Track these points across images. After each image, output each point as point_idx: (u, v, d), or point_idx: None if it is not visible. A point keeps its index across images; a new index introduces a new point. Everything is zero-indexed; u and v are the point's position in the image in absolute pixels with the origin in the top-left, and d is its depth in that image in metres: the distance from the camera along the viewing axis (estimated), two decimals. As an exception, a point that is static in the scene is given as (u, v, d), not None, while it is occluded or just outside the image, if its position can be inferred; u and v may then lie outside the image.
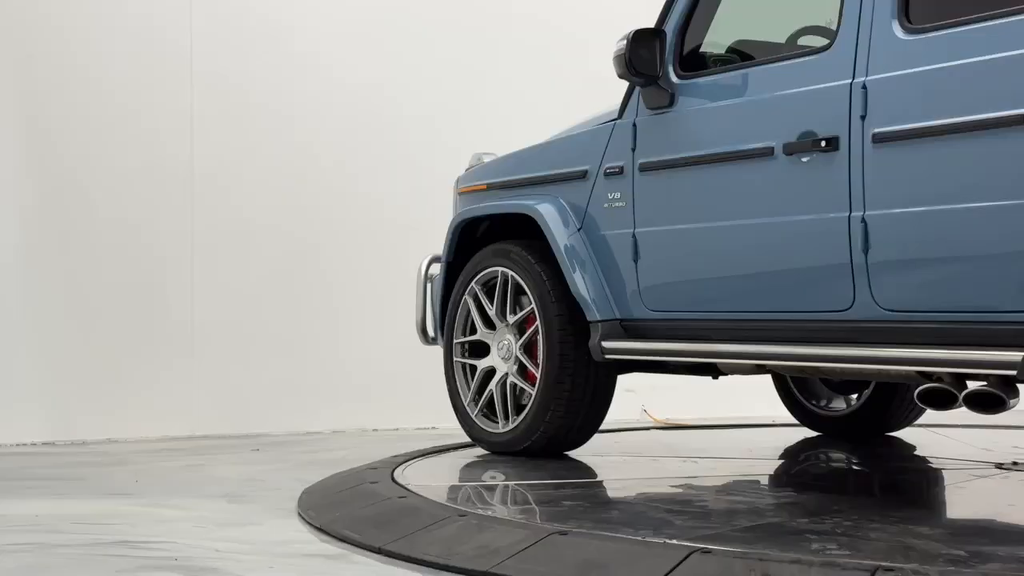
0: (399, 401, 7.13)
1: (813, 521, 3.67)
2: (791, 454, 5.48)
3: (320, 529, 4.05)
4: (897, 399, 5.72)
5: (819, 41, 4.42)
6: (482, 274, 5.26)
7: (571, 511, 3.91)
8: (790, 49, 4.63)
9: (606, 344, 4.74)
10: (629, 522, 3.69)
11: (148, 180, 7.00)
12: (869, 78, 3.88)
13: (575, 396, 4.93)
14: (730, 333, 4.39)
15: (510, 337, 5.13)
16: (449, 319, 5.40)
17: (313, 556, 3.69)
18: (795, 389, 5.97)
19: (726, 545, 3.23)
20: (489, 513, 3.87)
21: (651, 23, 4.57)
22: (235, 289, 7.16)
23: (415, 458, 5.18)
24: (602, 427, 5.16)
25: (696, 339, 4.51)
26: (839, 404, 5.93)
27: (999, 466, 4.80)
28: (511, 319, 5.14)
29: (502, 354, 5.16)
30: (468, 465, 5.03)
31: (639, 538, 3.36)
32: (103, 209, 6.92)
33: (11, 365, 6.69)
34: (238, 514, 4.42)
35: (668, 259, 4.58)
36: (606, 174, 4.78)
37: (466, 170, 5.70)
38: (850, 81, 3.93)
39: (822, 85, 4.02)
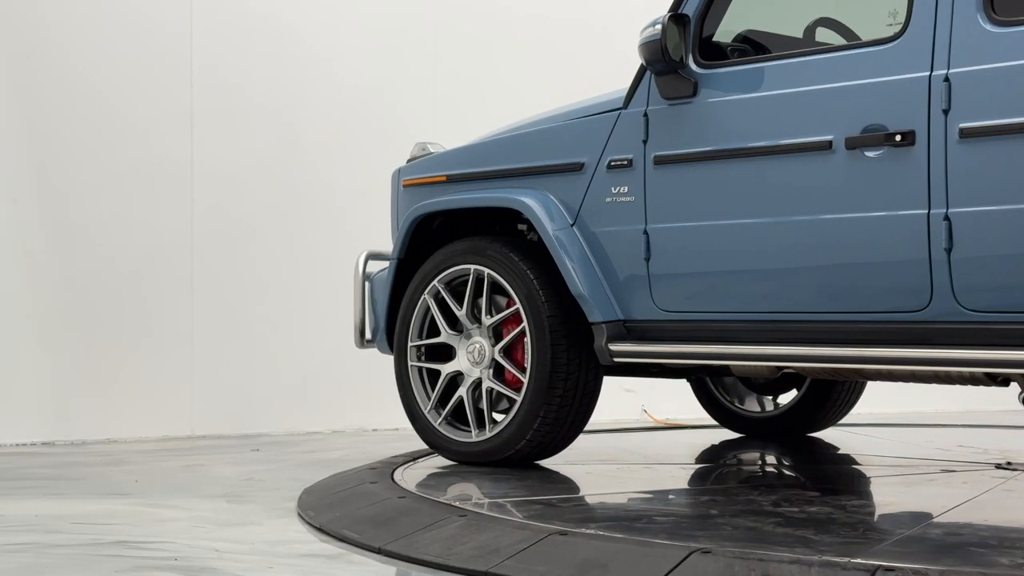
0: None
1: (813, 521, 3.66)
2: (787, 454, 5.48)
3: (319, 529, 4.05)
4: (831, 399, 5.64)
5: (831, 35, 4.36)
6: (447, 272, 4.90)
7: (571, 512, 3.90)
8: (811, 42, 4.46)
9: (614, 347, 4.48)
10: (629, 523, 3.68)
11: (148, 179, 6.99)
12: (952, 71, 3.74)
13: (566, 401, 4.64)
14: (763, 335, 4.17)
15: (482, 340, 4.82)
16: (402, 321, 5.03)
17: (312, 556, 3.68)
18: (716, 390, 5.85)
19: (726, 545, 3.23)
20: (489, 513, 3.85)
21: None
22: (235, 289, 7.16)
23: (415, 458, 5.18)
24: (601, 428, 5.14)
25: (719, 340, 4.28)
26: (752, 405, 5.86)
27: (999, 466, 4.80)
28: (487, 321, 4.83)
29: (473, 358, 4.83)
30: (467, 466, 5.01)
31: (639, 538, 3.35)
32: (102, 208, 6.91)
33: (11, 365, 6.69)
34: (237, 514, 4.41)
35: (690, 258, 4.32)
36: (609, 167, 4.51)
37: (408, 161, 5.37)
38: (928, 73, 3.78)
39: (893, 77, 3.85)
